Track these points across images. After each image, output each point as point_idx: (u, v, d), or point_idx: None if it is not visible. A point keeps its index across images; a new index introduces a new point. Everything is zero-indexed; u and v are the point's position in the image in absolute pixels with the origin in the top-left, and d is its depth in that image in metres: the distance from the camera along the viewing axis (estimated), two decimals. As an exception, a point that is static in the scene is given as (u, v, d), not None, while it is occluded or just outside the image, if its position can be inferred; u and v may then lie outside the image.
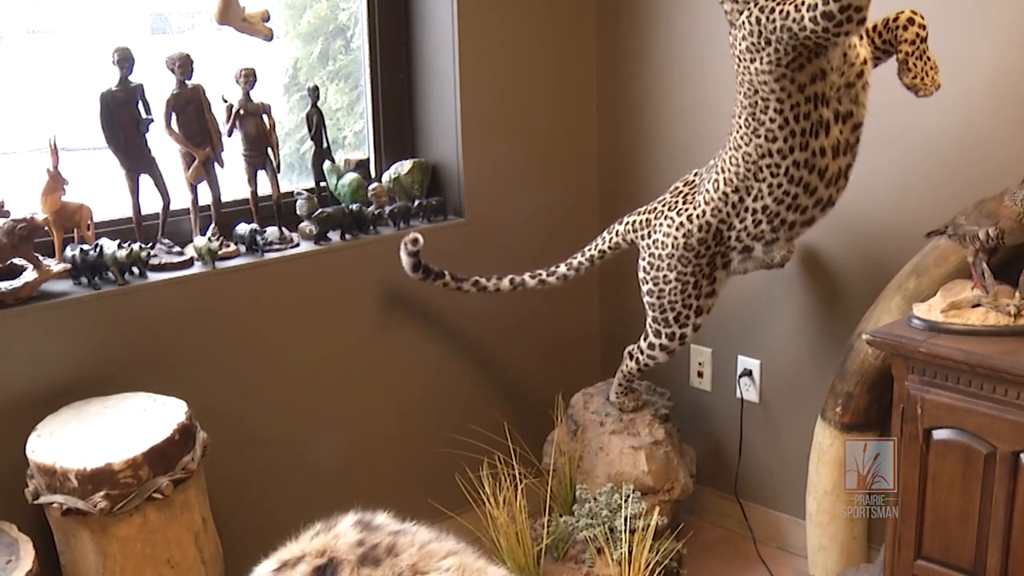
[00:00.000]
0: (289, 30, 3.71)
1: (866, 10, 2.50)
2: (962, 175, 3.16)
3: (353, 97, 3.79)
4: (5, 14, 3.16)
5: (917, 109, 3.05)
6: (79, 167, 3.08)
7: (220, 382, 3.22)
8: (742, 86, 2.83)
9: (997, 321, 2.80)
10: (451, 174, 3.74)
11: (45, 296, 2.91)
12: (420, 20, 3.72)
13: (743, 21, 2.73)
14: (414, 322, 3.67)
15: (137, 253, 3.01)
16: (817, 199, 2.92)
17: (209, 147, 3.22)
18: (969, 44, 3.08)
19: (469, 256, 3.71)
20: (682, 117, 3.82)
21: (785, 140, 2.81)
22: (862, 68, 2.79)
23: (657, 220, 3.21)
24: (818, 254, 3.54)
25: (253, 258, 3.26)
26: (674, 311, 3.24)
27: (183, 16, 3.63)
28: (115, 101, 3.03)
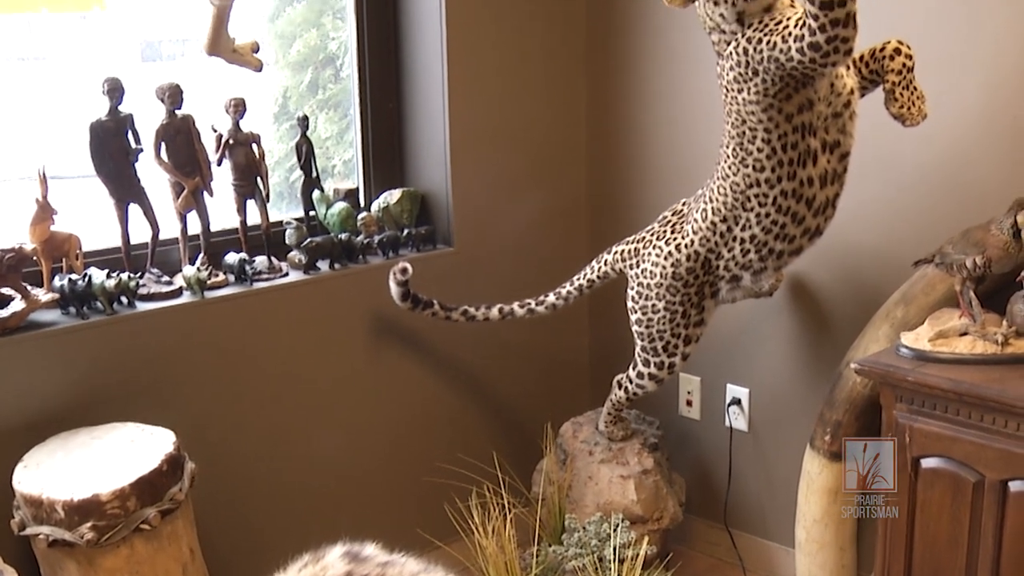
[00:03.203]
0: (279, 59, 3.72)
1: (852, 41, 2.51)
2: (949, 204, 3.18)
3: (343, 126, 3.80)
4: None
5: (904, 138, 3.06)
6: (68, 195, 3.08)
7: (209, 412, 3.21)
8: (730, 116, 2.84)
9: (985, 350, 2.81)
10: (440, 203, 3.75)
11: (33, 326, 2.90)
12: (409, 49, 3.73)
13: (730, 52, 2.74)
14: (403, 351, 3.67)
15: (125, 283, 3.01)
16: (805, 228, 2.93)
17: (198, 177, 3.22)
18: (955, 73, 3.10)
19: (458, 285, 3.71)
20: (670, 147, 3.84)
21: (773, 170, 2.82)
22: (849, 98, 2.80)
23: (646, 249, 3.21)
24: (806, 283, 3.55)
25: (242, 288, 3.26)
26: (663, 340, 3.24)
27: (173, 43, 3.64)
28: (105, 131, 3.03)
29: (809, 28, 2.50)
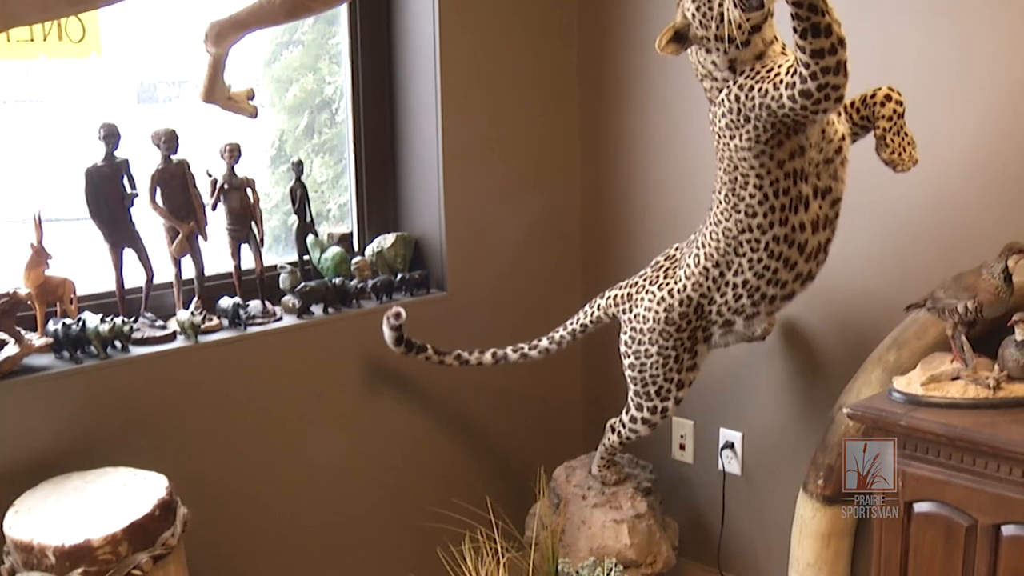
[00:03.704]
0: (275, 103, 3.74)
1: (843, 88, 2.53)
2: (940, 248, 3.19)
3: (338, 170, 3.82)
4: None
5: (895, 183, 3.08)
6: (63, 238, 3.09)
7: (203, 456, 3.20)
8: (722, 162, 2.86)
9: (977, 394, 2.81)
10: (434, 248, 3.76)
11: (26, 370, 2.90)
12: (404, 95, 3.75)
13: (722, 99, 2.76)
14: (396, 395, 3.67)
15: (120, 327, 3.01)
16: (797, 273, 2.94)
17: (193, 221, 3.23)
18: (946, 119, 3.12)
19: (452, 329, 3.72)
20: (663, 192, 3.86)
21: (765, 215, 2.84)
22: (840, 144, 2.82)
23: (638, 295, 3.22)
24: (799, 327, 3.56)
25: (236, 332, 3.26)
26: (656, 385, 3.24)
27: (169, 86, 3.66)
28: (100, 176, 3.05)
29: (800, 76, 2.52)
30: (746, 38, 2.65)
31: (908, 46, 3.19)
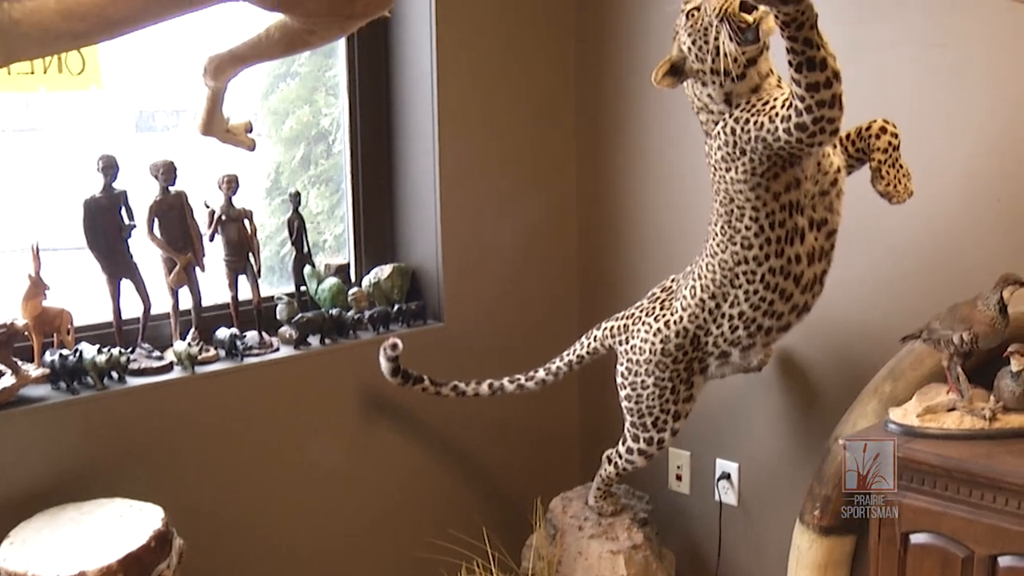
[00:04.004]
0: (272, 134, 3.76)
1: (838, 121, 2.55)
2: (936, 280, 3.20)
3: (334, 201, 3.83)
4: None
5: (890, 215, 3.09)
6: (61, 267, 3.09)
7: (199, 487, 3.20)
8: (718, 194, 2.87)
9: (972, 425, 2.82)
10: (430, 279, 3.77)
11: (23, 401, 2.90)
12: (401, 125, 3.77)
13: (718, 131, 2.78)
14: (393, 426, 3.67)
15: (116, 358, 3.01)
16: (793, 305, 2.95)
17: (191, 252, 3.24)
18: (941, 151, 3.14)
19: (448, 360, 3.72)
20: (659, 224, 3.87)
21: (761, 247, 2.85)
22: (836, 176, 2.83)
23: (635, 326, 3.23)
24: (795, 358, 3.56)
25: (232, 363, 3.27)
26: (652, 416, 3.24)
27: (168, 115, 3.68)
28: (98, 207, 3.06)
29: (796, 109, 2.53)
30: (742, 71, 2.67)
31: (903, 78, 3.21)
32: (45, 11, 1.61)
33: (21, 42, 1.65)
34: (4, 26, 1.59)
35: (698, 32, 2.68)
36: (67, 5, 1.62)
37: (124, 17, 1.74)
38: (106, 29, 1.76)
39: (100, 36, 1.80)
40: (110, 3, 1.68)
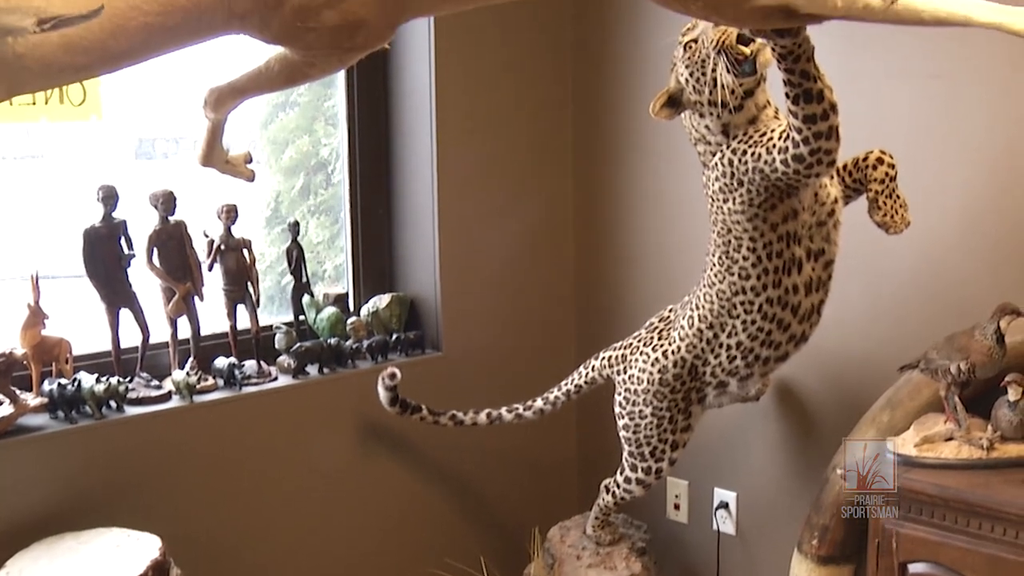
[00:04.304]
0: (271, 164, 3.77)
1: (835, 153, 2.56)
2: (933, 310, 3.21)
3: (333, 231, 3.84)
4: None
5: (888, 245, 3.10)
6: (61, 295, 3.10)
7: (197, 517, 3.20)
8: (716, 225, 2.89)
9: (970, 454, 2.82)
10: (429, 308, 3.77)
11: (21, 430, 2.91)
12: (400, 155, 3.78)
13: (716, 163, 2.79)
14: (391, 455, 3.67)
15: (115, 387, 3.02)
16: (791, 335, 2.95)
17: (190, 282, 3.25)
18: (938, 181, 3.15)
19: (446, 389, 3.72)
20: (657, 254, 3.88)
21: (758, 278, 2.86)
22: (833, 207, 2.84)
23: (632, 356, 3.23)
24: (793, 387, 3.56)
25: (231, 392, 3.27)
26: (650, 446, 3.24)
27: (167, 142, 3.70)
28: (98, 237, 3.07)
29: (793, 140, 2.55)
30: (739, 103, 2.69)
31: (900, 109, 3.22)
32: (48, 45, 1.62)
33: (24, 76, 1.66)
34: (8, 60, 1.60)
35: (696, 64, 2.70)
36: (70, 39, 1.63)
37: (126, 50, 1.74)
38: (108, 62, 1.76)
39: (101, 69, 1.81)
40: (111, 37, 1.69)
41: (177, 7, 1.74)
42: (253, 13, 1.83)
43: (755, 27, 2.29)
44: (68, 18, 1.58)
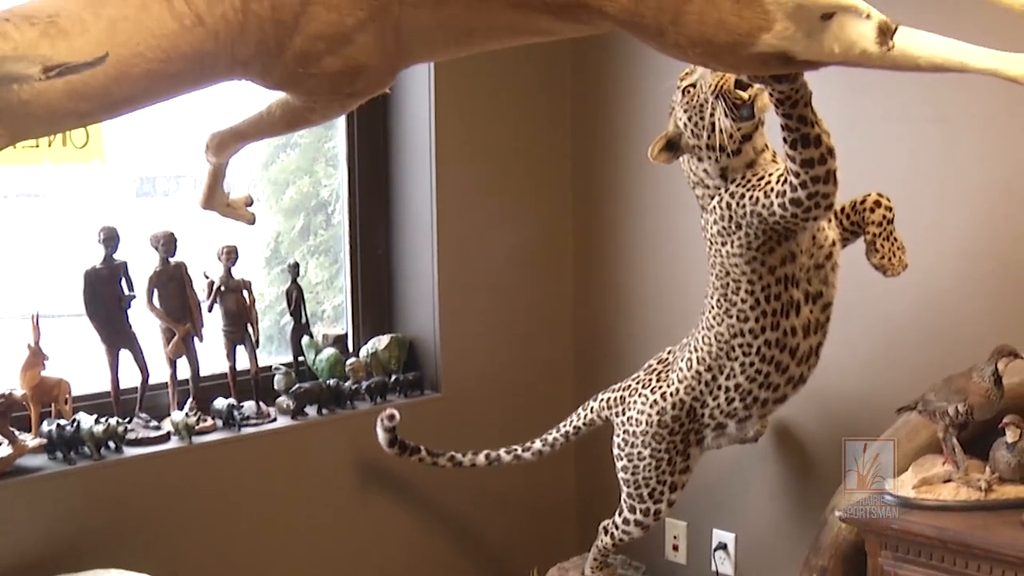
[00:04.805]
0: (272, 205, 3.79)
1: (833, 197, 2.58)
2: (930, 351, 3.21)
3: (333, 272, 3.85)
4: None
5: (885, 286, 3.11)
6: (61, 334, 3.11)
7: (195, 558, 3.19)
8: (714, 267, 2.90)
9: (968, 496, 2.82)
10: (428, 349, 3.78)
11: (19, 471, 2.90)
12: (399, 196, 3.80)
13: (714, 206, 2.81)
14: (390, 496, 3.67)
15: (114, 428, 3.02)
16: (789, 377, 2.96)
17: (189, 323, 3.26)
18: (935, 224, 3.16)
19: (445, 431, 3.72)
20: (655, 296, 3.89)
21: (756, 320, 2.87)
22: (831, 249, 2.86)
23: (631, 398, 3.23)
24: (791, 429, 3.57)
25: (230, 433, 3.27)
26: (648, 487, 3.24)
27: (167, 180, 3.71)
28: (99, 278, 3.08)
29: (791, 184, 2.56)
30: (737, 147, 2.71)
31: (898, 152, 3.24)
32: (53, 92, 1.63)
33: (28, 122, 1.67)
34: (13, 107, 1.61)
35: (694, 108, 2.72)
36: (74, 86, 1.65)
37: (128, 97, 1.76)
38: (110, 108, 1.78)
39: (103, 116, 1.82)
40: (115, 83, 1.70)
41: (180, 54, 1.76)
42: (255, 59, 1.85)
43: (753, 73, 2.31)
44: (73, 65, 1.60)
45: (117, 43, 1.68)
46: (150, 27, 1.72)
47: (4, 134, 1.66)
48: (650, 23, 1.81)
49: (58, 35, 1.62)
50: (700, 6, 1.76)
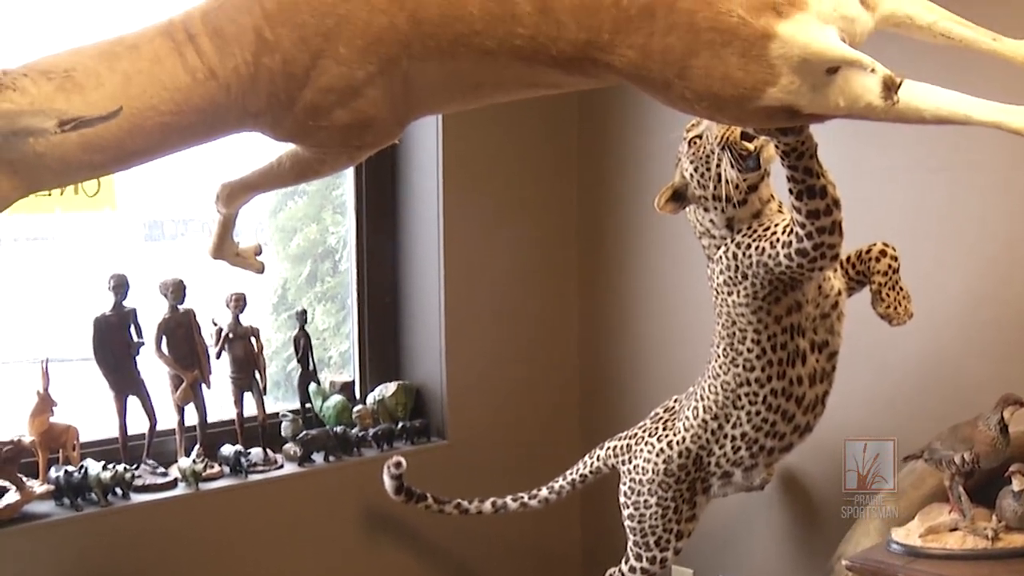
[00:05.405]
0: (279, 252, 3.81)
1: (839, 247, 2.59)
2: (936, 400, 3.21)
3: (339, 318, 3.87)
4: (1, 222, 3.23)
5: (891, 336, 3.11)
6: (69, 378, 3.12)
7: (200, 605, 3.19)
8: (720, 317, 2.91)
9: (975, 545, 2.81)
10: (435, 397, 3.79)
11: (26, 518, 2.91)
12: (407, 244, 3.82)
13: (720, 256, 2.82)
14: (397, 543, 3.66)
15: (121, 475, 3.03)
16: (795, 426, 2.96)
17: (197, 370, 3.27)
18: (940, 273, 3.17)
19: (452, 478, 3.71)
20: (661, 345, 3.90)
21: (763, 369, 2.87)
22: (837, 299, 2.86)
23: (638, 446, 3.23)
24: (797, 477, 3.56)
25: (237, 480, 3.28)
26: (655, 535, 3.24)
27: (176, 224, 3.73)
28: (108, 325, 3.10)
29: (796, 235, 2.58)
30: (743, 198, 2.72)
31: (902, 202, 3.26)
32: (68, 144, 1.66)
33: (43, 174, 1.70)
34: (29, 159, 1.64)
35: (700, 159, 2.74)
36: (88, 138, 1.67)
37: (141, 149, 1.78)
38: (123, 160, 1.81)
39: (117, 167, 1.85)
40: (128, 136, 1.73)
41: (192, 107, 1.78)
42: (266, 112, 1.87)
43: (759, 126, 2.33)
44: (89, 119, 1.62)
45: (131, 97, 1.71)
46: (163, 81, 1.75)
47: (20, 185, 1.69)
48: (657, 77, 1.83)
49: (74, 89, 1.65)
50: (706, 60, 1.78)
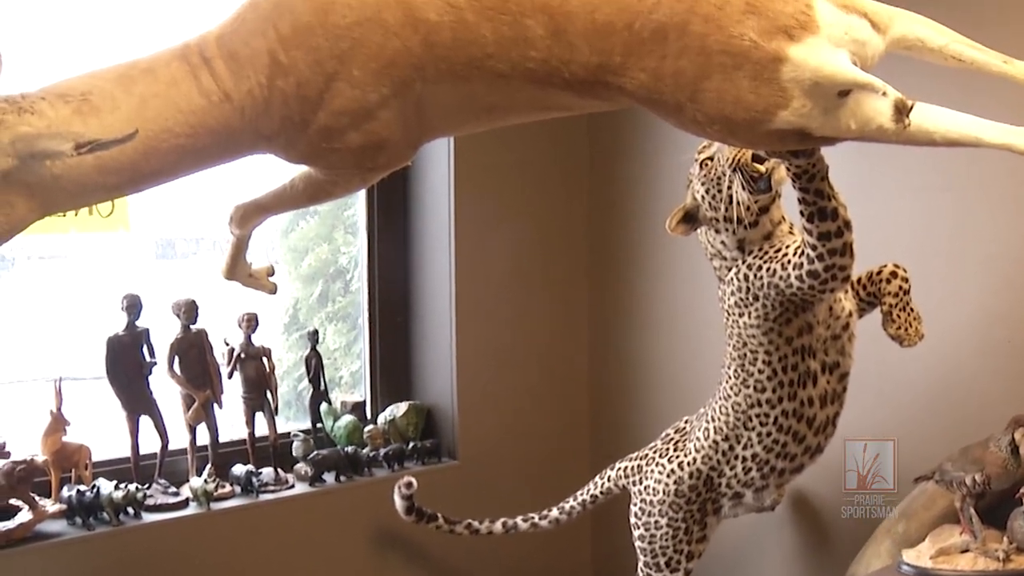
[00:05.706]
0: (291, 272, 3.82)
1: (850, 269, 2.59)
2: (947, 421, 3.20)
3: (351, 338, 3.88)
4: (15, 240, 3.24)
5: (901, 356, 3.11)
6: (82, 397, 3.13)
7: (211, 625, 3.20)
8: (731, 338, 2.91)
9: (986, 566, 2.80)
10: (446, 417, 3.79)
11: (38, 537, 2.91)
12: (418, 264, 3.83)
13: (731, 277, 2.83)
14: (407, 564, 3.66)
15: (133, 494, 3.04)
16: (806, 447, 2.96)
17: (209, 389, 3.28)
18: (951, 294, 3.17)
19: (462, 498, 3.71)
20: (672, 366, 3.89)
21: (774, 391, 2.87)
22: (847, 320, 2.87)
23: (648, 467, 3.23)
24: (808, 497, 3.56)
25: (248, 499, 3.29)
26: (665, 556, 3.23)
27: (188, 242, 3.75)
28: (121, 346, 3.12)
29: (808, 257, 2.58)
30: (754, 219, 2.73)
31: (913, 223, 3.25)
32: (83, 167, 1.67)
33: (58, 196, 1.71)
34: (45, 182, 1.65)
35: (712, 181, 2.75)
36: (103, 161, 1.68)
37: (156, 171, 1.80)
38: (138, 182, 1.82)
39: (131, 189, 1.87)
40: (143, 158, 1.74)
41: (207, 129, 1.80)
42: (280, 134, 1.88)
43: (770, 148, 2.34)
44: (105, 142, 1.64)
45: (147, 119, 1.72)
46: (179, 103, 1.76)
47: (36, 208, 1.70)
48: (668, 100, 1.84)
49: (90, 112, 1.66)
50: (718, 83, 1.78)
